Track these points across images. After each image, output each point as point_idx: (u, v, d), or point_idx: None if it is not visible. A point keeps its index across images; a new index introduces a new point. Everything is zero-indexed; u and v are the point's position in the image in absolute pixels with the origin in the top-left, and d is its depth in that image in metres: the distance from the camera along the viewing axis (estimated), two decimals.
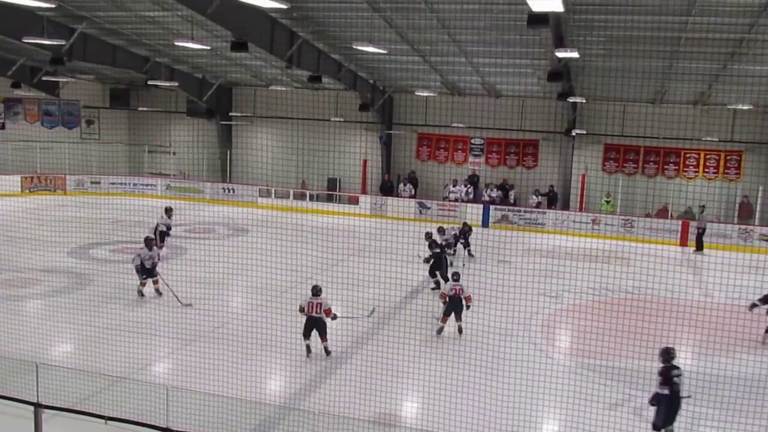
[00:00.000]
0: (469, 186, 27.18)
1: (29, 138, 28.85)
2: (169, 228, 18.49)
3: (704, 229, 22.49)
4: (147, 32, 22.34)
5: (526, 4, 11.64)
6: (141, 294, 14.61)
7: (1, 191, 23.03)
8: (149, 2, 18.44)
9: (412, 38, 19.95)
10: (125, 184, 29.66)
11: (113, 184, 29.45)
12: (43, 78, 27.75)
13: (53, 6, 17.00)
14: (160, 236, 17.71)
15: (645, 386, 10.34)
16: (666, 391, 8.80)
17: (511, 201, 26.25)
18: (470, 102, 26.89)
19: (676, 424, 8.93)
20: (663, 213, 24.10)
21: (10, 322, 12.08)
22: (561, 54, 16.73)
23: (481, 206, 25.90)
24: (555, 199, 26.13)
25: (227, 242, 20.41)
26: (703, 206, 22.94)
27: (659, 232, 23.14)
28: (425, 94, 26.35)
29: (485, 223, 25.57)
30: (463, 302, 12.86)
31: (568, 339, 13.75)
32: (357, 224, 18.74)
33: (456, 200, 26.59)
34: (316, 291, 11.78)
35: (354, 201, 27.60)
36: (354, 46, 19.25)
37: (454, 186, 27.07)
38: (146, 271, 14.61)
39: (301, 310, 11.62)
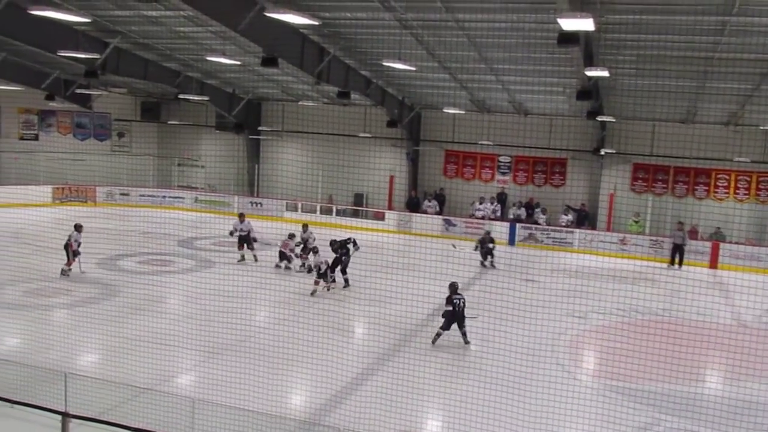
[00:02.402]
0: (496, 204, 27.07)
1: (61, 149, 29.33)
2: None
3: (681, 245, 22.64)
4: (179, 47, 22.65)
5: (556, 22, 11.68)
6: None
7: (32, 201, 23.36)
8: (182, 18, 18.69)
9: (441, 55, 20.00)
10: (154, 196, 29.97)
11: (142, 196, 29.79)
12: (77, 91, 28.23)
13: (89, 20, 17.32)
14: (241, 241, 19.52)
15: (674, 410, 10.18)
16: (450, 308, 13.03)
17: (540, 222, 25.96)
18: (498, 120, 26.84)
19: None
20: (693, 234, 23.79)
21: (40, 331, 12.23)
22: (591, 73, 16.68)
23: (508, 224, 25.76)
24: (586, 218, 25.89)
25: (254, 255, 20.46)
26: (681, 222, 22.99)
27: (688, 253, 22.82)
28: (453, 111, 26.37)
29: (512, 242, 25.44)
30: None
31: (594, 360, 13.58)
32: (382, 240, 18.72)
33: (482, 218, 26.48)
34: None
35: (380, 217, 27.61)
36: (383, 63, 19.33)
37: (480, 203, 26.98)
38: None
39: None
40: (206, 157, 31.38)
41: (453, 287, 13.32)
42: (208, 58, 21.18)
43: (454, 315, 13.05)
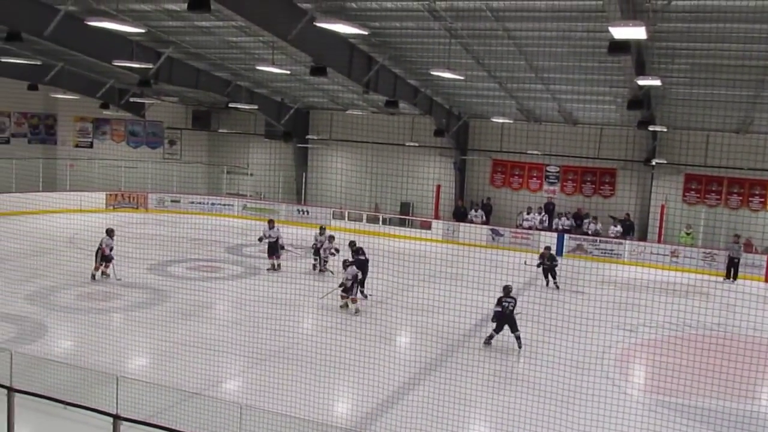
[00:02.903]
0: (544, 214, 26.79)
1: (115, 157, 30.02)
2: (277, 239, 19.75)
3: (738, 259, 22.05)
4: (230, 56, 23.00)
5: (607, 31, 11.53)
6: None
7: (86, 207, 23.95)
8: (233, 28, 18.99)
9: (489, 65, 19.92)
10: (203, 203, 30.42)
11: (192, 203, 30.26)
12: (130, 99, 28.90)
13: (143, 31, 17.71)
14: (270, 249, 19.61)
15: (727, 428, 9.91)
16: (499, 309, 13.32)
17: (589, 232, 25.60)
18: (546, 129, 26.60)
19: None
20: (747, 247, 23.18)
21: (93, 335, 12.50)
22: (642, 82, 16.43)
23: (556, 235, 25.47)
24: (631, 229, 25.44)
25: (300, 263, 20.63)
26: (737, 235, 22.33)
27: (743, 267, 22.23)
28: (501, 120, 26.20)
29: (559, 252, 25.08)
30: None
31: (645, 375, 13.31)
32: (429, 249, 18.67)
33: (530, 228, 26.22)
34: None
35: (426, 226, 27.55)
36: (431, 72, 19.33)
37: (528, 214, 26.73)
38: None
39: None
40: (255, 165, 31.76)
41: (506, 289, 13.59)
42: (258, 68, 21.44)
43: (503, 317, 13.29)
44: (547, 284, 19.39)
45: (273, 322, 13.80)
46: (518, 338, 13.33)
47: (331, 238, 19.05)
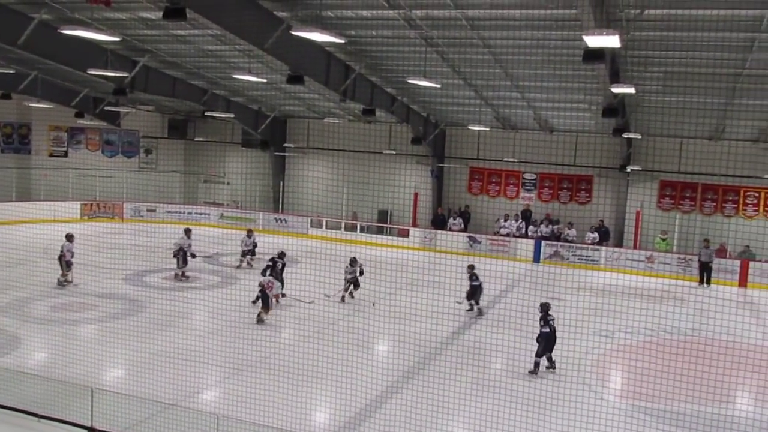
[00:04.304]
0: (521, 221, 26.93)
1: (90, 166, 29.74)
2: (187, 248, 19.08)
3: (708, 263, 22.30)
4: (206, 65, 22.92)
5: (582, 39, 11.65)
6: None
7: (60, 217, 23.66)
8: (209, 36, 18.93)
9: (466, 73, 20.03)
10: (180, 212, 30.21)
11: (169, 212, 30.05)
12: (105, 108, 28.68)
13: (118, 40, 17.59)
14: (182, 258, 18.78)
15: (702, 431, 10.00)
16: (547, 330, 12.39)
17: (570, 239, 25.73)
18: (523, 137, 26.80)
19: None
20: (721, 252, 23.46)
21: (67, 346, 12.34)
22: (616, 89, 16.58)
23: (533, 242, 25.62)
24: (606, 236, 25.64)
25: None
26: (707, 240, 22.59)
27: (718, 272, 22.50)
28: (478, 128, 26.35)
29: (536, 259, 25.27)
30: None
31: (621, 380, 13.40)
32: (407, 257, 18.69)
33: (507, 235, 26.35)
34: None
35: (404, 234, 27.59)
36: (408, 80, 19.40)
37: (505, 221, 26.86)
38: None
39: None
40: (231, 174, 31.65)
41: (546, 307, 12.71)
42: (235, 76, 21.42)
43: (552, 337, 12.55)
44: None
45: (251, 332, 13.74)
46: (551, 359, 12.74)
47: (354, 261, 17.98)
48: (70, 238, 17.24)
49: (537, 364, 12.47)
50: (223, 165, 32.05)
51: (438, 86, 20.40)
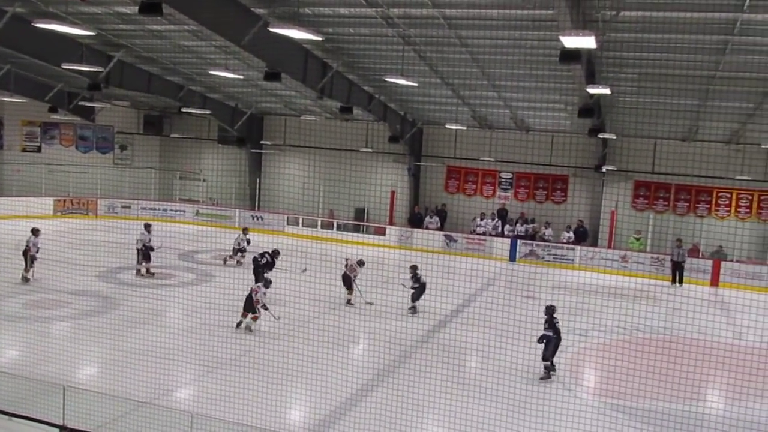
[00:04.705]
0: (497, 220, 27.06)
1: (64, 162, 29.40)
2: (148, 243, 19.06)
3: (681, 263, 22.65)
4: (182, 61, 22.75)
5: (558, 40, 11.74)
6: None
7: (33, 213, 23.38)
8: (186, 32, 18.79)
9: (443, 72, 20.08)
10: (155, 209, 29.96)
11: (144, 208, 29.78)
12: (80, 103, 28.33)
13: (93, 34, 17.42)
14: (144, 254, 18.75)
15: (675, 430, 10.12)
16: (551, 333, 12.24)
17: (547, 238, 25.89)
18: (500, 136, 26.93)
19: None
20: (694, 252, 23.76)
21: (39, 344, 12.19)
22: (592, 90, 16.74)
23: (509, 241, 25.76)
24: (585, 236, 25.85)
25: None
26: (679, 240, 22.93)
27: (690, 271, 22.79)
28: (455, 127, 26.43)
29: (512, 258, 25.42)
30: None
31: (595, 378, 13.52)
32: (383, 255, 18.71)
33: (484, 234, 26.46)
34: (267, 284, 14.28)
35: (381, 232, 27.60)
36: (385, 79, 19.41)
37: (481, 220, 26.97)
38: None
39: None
40: (208, 171, 31.46)
41: (551, 310, 12.63)
42: (212, 72, 21.29)
43: (558, 341, 12.45)
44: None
45: (226, 329, 13.67)
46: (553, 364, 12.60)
47: (361, 262, 17.68)
48: (35, 232, 17.17)
49: (547, 369, 12.37)
50: (200, 162, 31.86)
51: (415, 85, 20.43)
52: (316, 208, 27.90)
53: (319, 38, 15.03)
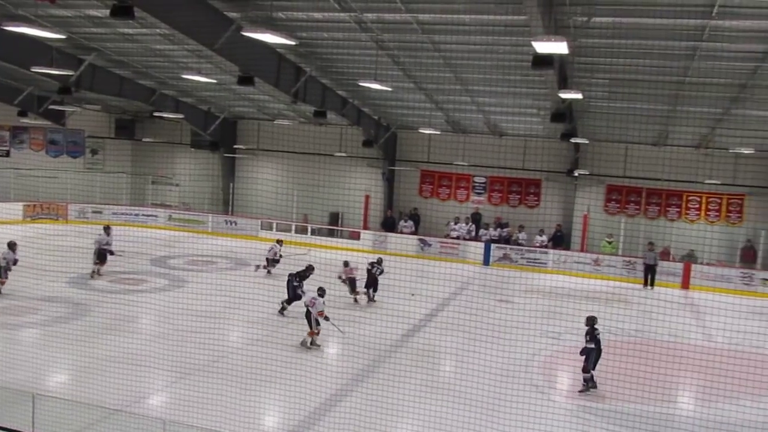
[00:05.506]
0: (471, 224, 27.17)
1: (33, 166, 28.97)
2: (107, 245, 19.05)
3: (653, 266, 22.91)
4: (155, 65, 22.58)
5: (531, 45, 11.83)
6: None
7: (2, 218, 23.03)
8: (158, 35, 18.65)
9: (417, 76, 20.14)
10: (127, 214, 29.66)
11: (115, 213, 29.43)
12: (50, 107, 27.95)
13: (63, 37, 17.21)
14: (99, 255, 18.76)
15: (647, 431, 10.21)
16: (592, 345, 11.96)
17: (521, 242, 26.04)
18: (473, 141, 27.06)
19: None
20: (664, 255, 24.05)
21: (8, 351, 12.01)
22: (564, 95, 16.90)
23: (483, 244, 25.87)
24: (561, 240, 26.02)
25: (228, 275, 20.34)
26: (651, 243, 23.20)
27: (661, 274, 23.05)
28: (429, 131, 26.52)
29: (486, 262, 25.53)
30: None
31: (569, 381, 13.61)
32: (358, 260, 18.70)
33: (458, 238, 26.55)
34: (322, 292, 13.74)
35: (355, 236, 27.57)
36: (359, 83, 19.42)
37: (455, 224, 27.06)
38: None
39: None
40: (181, 175, 31.20)
41: (592, 320, 12.30)
42: (184, 76, 21.15)
43: (599, 353, 12.14)
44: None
45: (199, 335, 13.55)
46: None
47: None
48: (12, 246, 16.63)
49: (586, 381, 12.18)
50: (172, 166, 31.56)
51: (389, 89, 20.46)
52: (290, 213, 27.80)
53: (293, 42, 15.02)
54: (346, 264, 18.09)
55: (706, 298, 21.08)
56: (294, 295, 15.82)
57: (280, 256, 20.55)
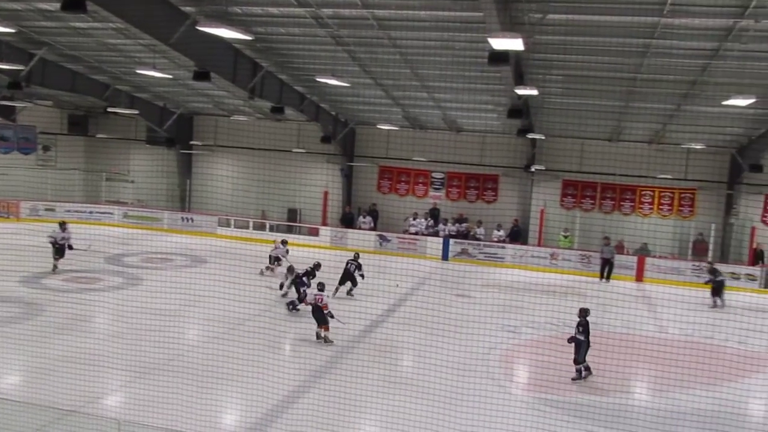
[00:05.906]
0: (429, 219, 27.29)
1: None
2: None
3: (609, 260, 23.29)
4: (108, 59, 22.18)
5: (487, 42, 11.92)
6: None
7: None
8: (111, 30, 18.33)
9: (374, 72, 20.14)
10: (81, 211, 29.10)
11: (68, 211, 28.81)
12: (0, 102, 27.27)
13: (13, 31, 16.81)
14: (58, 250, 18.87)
15: (604, 422, 10.40)
16: (582, 338, 12.26)
17: (479, 237, 26.24)
18: (431, 136, 27.16)
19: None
20: (619, 249, 24.46)
21: None
22: (520, 91, 17.07)
23: (441, 240, 26.01)
24: (518, 235, 26.28)
25: (185, 272, 20.12)
26: (607, 237, 23.57)
27: (616, 268, 23.43)
28: (387, 127, 26.54)
29: (445, 257, 25.68)
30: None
31: (526, 374, 13.78)
32: (317, 256, 18.65)
33: (416, 233, 26.65)
34: (321, 287, 14.13)
35: (314, 233, 27.49)
36: (317, 79, 19.35)
37: (414, 219, 27.15)
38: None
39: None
40: (136, 172, 30.76)
41: (586, 312, 12.63)
42: (139, 72, 20.81)
43: (588, 344, 12.39)
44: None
45: (155, 334, 13.37)
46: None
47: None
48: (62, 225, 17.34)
49: (579, 371, 12.40)
50: (127, 163, 31.09)
51: (347, 85, 20.44)
52: (248, 210, 27.58)
53: (250, 38, 14.89)
54: (284, 242, 19.52)
55: (659, 291, 21.55)
56: (302, 293, 15.86)
57: (286, 251, 20.17)
